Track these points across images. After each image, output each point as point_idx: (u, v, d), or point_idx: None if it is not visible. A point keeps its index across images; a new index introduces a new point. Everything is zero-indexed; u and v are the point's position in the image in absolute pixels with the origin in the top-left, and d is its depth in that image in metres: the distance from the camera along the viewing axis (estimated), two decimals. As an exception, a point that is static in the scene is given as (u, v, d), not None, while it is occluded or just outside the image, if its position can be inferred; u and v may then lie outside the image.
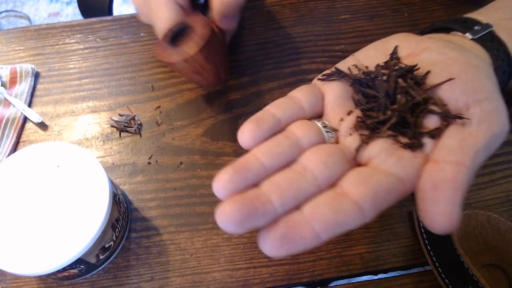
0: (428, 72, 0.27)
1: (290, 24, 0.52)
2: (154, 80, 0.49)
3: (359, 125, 0.27)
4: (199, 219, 0.41)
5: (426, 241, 0.38)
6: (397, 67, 0.28)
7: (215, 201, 0.41)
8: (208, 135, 0.45)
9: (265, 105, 0.27)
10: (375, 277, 0.39)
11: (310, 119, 0.28)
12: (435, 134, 0.25)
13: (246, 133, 0.25)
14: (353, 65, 0.30)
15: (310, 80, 0.33)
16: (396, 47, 0.30)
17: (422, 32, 0.35)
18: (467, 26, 0.33)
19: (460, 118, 0.25)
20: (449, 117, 0.25)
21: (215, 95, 0.47)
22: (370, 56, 0.30)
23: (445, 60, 0.27)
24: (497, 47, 0.31)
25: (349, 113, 0.28)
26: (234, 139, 0.45)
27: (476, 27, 0.32)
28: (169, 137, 0.45)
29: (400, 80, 0.27)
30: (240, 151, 0.44)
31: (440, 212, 0.23)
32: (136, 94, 0.48)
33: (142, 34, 0.52)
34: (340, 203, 0.23)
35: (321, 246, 0.39)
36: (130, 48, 0.51)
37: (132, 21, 0.53)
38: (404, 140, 0.26)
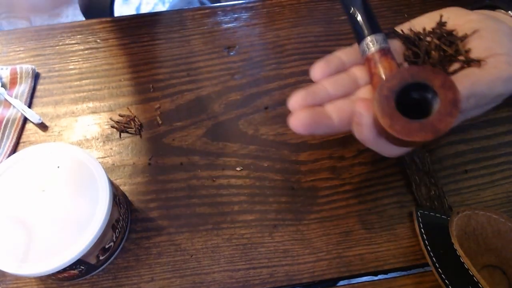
0: (465, 35, 0.33)
1: (290, 25, 0.52)
2: (154, 81, 0.49)
3: None
4: (199, 220, 0.41)
5: (426, 242, 0.38)
6: (438, 31, 0.34)
7: (215, 202, 0.42)
8: (208, 136, 0.45)
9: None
10: (375, 278, 0.39)
11: None
12: (457, 70, 0.31)
13: (317, 69, 0.33)
14: (408, 28, 0.35)
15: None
16: (441, 17, 0.35)
17: (472, 8, 0.39)
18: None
19: (477, 61, 0.31)
20: (469, 61, 0.31)
21: (215, 96, 0.47)
22: (423, 23, 0.36)
23: (480, 27, 0.33)
24: None
25: (399, 65, 0.32)
26: (234, 140, 0.45)
27: None
28: (169, 138, 0.45)
29: (435, 40, 0.33)
30: (240, 152, 0.44)
31: None
32: (136, 94, 0.48)
33: (142, 35, 0.52)
34: None
35: (321, 247, 0.39)
36: (130, 49, 0.51)
37: (132, 22, 0.53)
38: None
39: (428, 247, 0.37)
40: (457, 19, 0.35)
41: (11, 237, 0.33)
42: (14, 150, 0.44)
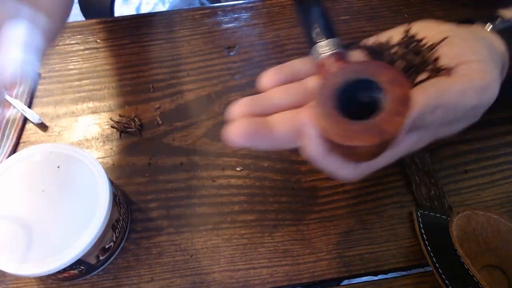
0: (433, 44, 0.30)
1: (290, 25, 0.52)
2: (154, 81, 0.49)
3: None
4: (199, 220, 0.41)
5: (426, 242, 0.38)
6: (404, 41, 0.31)
7: (215, 202, 0.42)
8: (208, 136, 0.45)
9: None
10: (375, 278, 0.39)
11: None
12: (424, 80, 0.28)
13: (266, 77, 0.30)
14: (373, 41, 0.33)
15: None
16: (408, 27, 0.33)
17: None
18: (490, 19, 0.35)
19: (446, 69, 0.28)
20: (437, 70, 0.28)
21: (215, 96, 0.47)
22: (390, 35, 0.33)
23: (451, 35, 0.30)
24: None
25: None
26: (234, 140, 0.45)
27: (498, 20, 0.35)
28: (169, 138, 0.45)
29: (399, 49, 0.30)
30: (240, 152, 0.44)
31: None
32: (136, 94, 0.48)
33: (142, 35, 0.52)
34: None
35: (321, 247, 0.39)
36: (130, 49, 0.51)
37: (132, 22, 0.53)
38: None
39: (428, 247, 0.37)
40: (428, 31, 0.32)
41: (11, 237, 0.33)
42: (14, 150, 0.44)
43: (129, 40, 0.51)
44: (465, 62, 0.28)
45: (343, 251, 0.39)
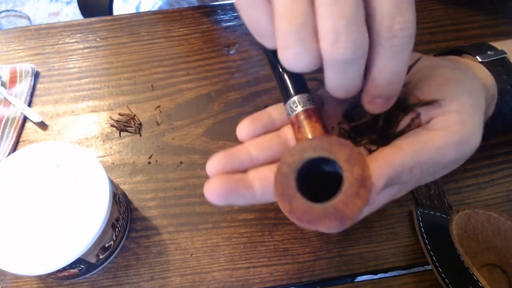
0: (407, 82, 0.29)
1: (290, 24, 0.52)
2: (154, 79, 0.49)
3: (342, 135, 0.29)
4: (199, 219, 0.41)
5: (426, 240, 0.38)
6: None
7: (215, 201, 0.41)
8: (208, 135, 0.45)
9: (264, 105, 0.27)
10: (375, 277, 0.39)
11: None
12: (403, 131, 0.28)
13: (242, 128, 0.29)
14: None
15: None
16: None
17: (439, 54, 0.37)
18: (481, 50, 0.34)
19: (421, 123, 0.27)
20: (413, 125, 0.28)
21: (215, 95, 0.47)
22: None
23: (430, 75, 0.29)
24: (507, 72, 0.33)
25: (339, 123, 0.30)
26: (234, 139, 0.44)
27: (489, 52, 0.34)
28: (169, 137, 0.45)
29: None
30: (240, 151, 0.44)
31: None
32: (136, 93, 0.48)
33: (142, 34, 0.52)
34: None
35: (321, 246, 0.39)
36: (130, 48, 0.51)
37: (132, 20, 0.53)
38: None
39: (428, 246, 0.37)
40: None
41: (10, 236, 0.33)
42: (14, 149, 0.44)
43: (128, 39, 0.51)
44: (442, 114, 0.27)
45: (343, 250, 0.39)
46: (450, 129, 0.26)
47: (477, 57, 0.34)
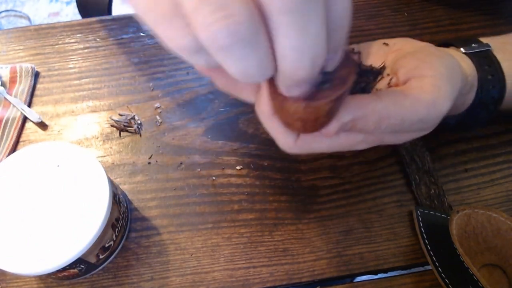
0: (383, 66, 0.34)
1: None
2: (154, 79, 0.49)
3: None
4: (199, 219, 0.41)
5: (426, 241, 0.38)
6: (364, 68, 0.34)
7: (215, 201, 0.42)
8: (208, 135, 0.45)
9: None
10: (375, 277, 0.39)
11: None
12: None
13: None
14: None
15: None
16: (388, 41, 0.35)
17: None
18: (466, 43, 0.37)
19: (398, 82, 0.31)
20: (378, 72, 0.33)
21: (214, 95, 0.47)
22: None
23: (418, 50, 0.32)
24: (489, 63, 0.35)
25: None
26: (234, 139, 0.45)
27: (473, 45, 0.36)
28: (169, 137, 0.45)
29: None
30: (240, 151, 0.44)
31: None
32: (136, 93, 0.48)
33: (141, 34, 0.52)
34: None
35: (321, 246, 0.39)
36: (130, 48, 0.51)
37: (131, 20, 0.53)
38: None
39: (428, 246, 0.37)
40: (404, 43, 0.35)
41: (10, 236, 0.33)
42: (13, 149, 0.44)
43: (128, 39, 0.51)
44: (419, 76, 0.29)
45: (343, 250, 0.39)
46: (423, 90, 0.28)
47: (461, 48, 0.36)
